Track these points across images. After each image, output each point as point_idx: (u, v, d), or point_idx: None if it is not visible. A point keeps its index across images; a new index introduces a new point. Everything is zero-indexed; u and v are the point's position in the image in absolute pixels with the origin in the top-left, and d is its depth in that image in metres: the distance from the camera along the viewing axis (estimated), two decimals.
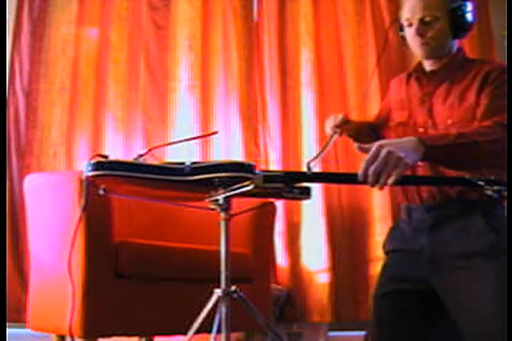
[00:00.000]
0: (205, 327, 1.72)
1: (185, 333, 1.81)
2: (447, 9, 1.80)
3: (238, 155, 3.34)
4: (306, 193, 1.64)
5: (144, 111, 3.39)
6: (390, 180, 1.43)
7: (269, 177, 1.55)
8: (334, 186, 3.31)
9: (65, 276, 2.18)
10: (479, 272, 1.65)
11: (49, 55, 3.40)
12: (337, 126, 1.90)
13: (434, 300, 1.75)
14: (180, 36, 3.49)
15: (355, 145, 1.53)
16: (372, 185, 1.45)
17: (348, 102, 3.42)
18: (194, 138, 3.02)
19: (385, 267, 1.91)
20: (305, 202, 3.28)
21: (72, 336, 2.18)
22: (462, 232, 1.71)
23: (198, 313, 1.75)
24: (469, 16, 1.84)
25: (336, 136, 1.89)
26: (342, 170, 2.91)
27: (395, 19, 1.92)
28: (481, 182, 1.48)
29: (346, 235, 3.34)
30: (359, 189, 3.29)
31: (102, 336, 2.23)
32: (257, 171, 1.56)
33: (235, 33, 3.48)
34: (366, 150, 1.47)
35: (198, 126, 3.39)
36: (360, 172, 1.46)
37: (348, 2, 3.53)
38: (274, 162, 3.40)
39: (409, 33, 1.85)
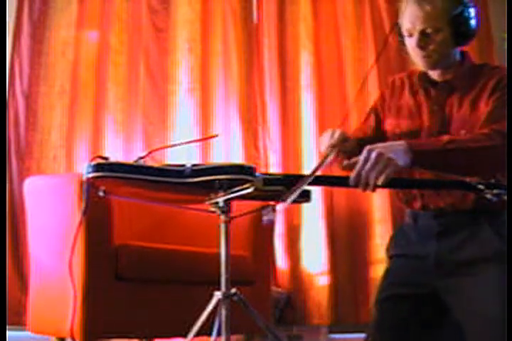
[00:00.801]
0: (205, 330, 1.72)
1: (185, 336, 1.81)
2: (449, 18, 1.72)
3: (238, 158, 3.34)
4: (306, 196, 1.64)
5: (144, 114, 3.39)
6: (380, 181, 1.44)
7: (269, 179, 1.55)
8: (334, 189, 3.32)
9: (65, 279, 2.18)
10: (485, 277, 1.65)
11: (49, 58, 3.40)
12: (334, 146, 1.74)
13: (435, 304, 1.74)
14: (180, 39, 3.49)
15: (343, 164, 1.52)
16: (364, 188, 1.46)
17: (348, 104, 3.42)
18: (194, 141, 3.02)
19: (387, 271, 1.90)
20: (305, 205, 3.28)
21: (72, 338, 2.18)
22: (470, 239, 1.70)
23: (198, 316, 1.75)
24: (472, 22, 1.76)
25: (331, 156, 1.71)
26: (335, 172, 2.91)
27: (396, 23, 1.84)
28: (481, 186, 1.48)
29: (346, 238, 3.34)
30: (359, 191, 3.28)
31: (102, 338, 2.23)
32: (257, 174, 1.56)
33: (234, 36, 3.48)
34: (354, 166, 1.47)
35: (197, 129, 3.39)
36: (352, 176, 1.47)
37: (347, 5, 3.54)
38: (273, 164, 3.40)
39: (410, 44, 1.78)
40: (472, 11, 1.76)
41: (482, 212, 1.71)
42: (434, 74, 1.83)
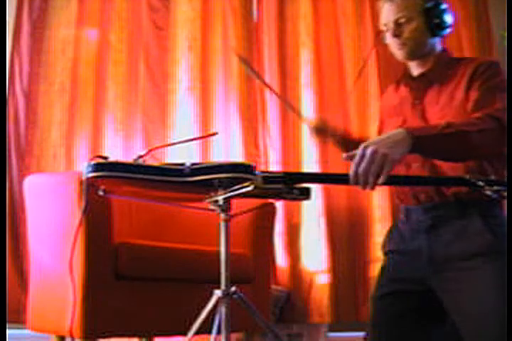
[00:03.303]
0: (205, 328, 1.72)
1: (185, 334, 1.81)
2: (421, 9, 1.81)
3: (238, 156, 3.34)
4: (305, 194, 1.64)
5: (144, 112, 3.39)
6: (380, 180, 1.44)
7: (269, 177, 1.55)
8: (334, 187, 3.32)
9: (64, 277, 2.18)
10: (478, 273, 1.65)
11: (49, 56, 3.40)
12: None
13: (432, 300, 1.75)
14: (180, 37, 3.49)
15: (343, 156, 1.54)
16: (363, 187, 1.47)
17: (348, 102, 3.42)
18: (194, 139, 3.02)
19: (383, 268, 1.91)
20: (305, 203, 3.28)
21: (72, 337, 2.18)
22: (461, 233, 1.71)
23: (198, 314, 1.75)
24: (445, 15, 1.83)
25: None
26: (332, 170, 2.92)
27: (380, 31, 1.92)
28: (481, 183, 1.49)
29: (346, 236, 3.34)
30: (359, 190, 3.28)
31: (102, 337, 2.23)
32: (256, 172, 1.57)
33: (234, 34, 3.48)
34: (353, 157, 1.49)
35: (197, 127, 3.39)
36: (350, 174, 1.48)
37: (347, 3, 3.53)
38: (273, 163, 3.40)
39: (388, 37, 1.87)
40: (445, 6, 1.84)
41: (472, 204, 1.72)
42: (414, 67, 1.89)
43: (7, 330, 2.20)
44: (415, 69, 1.89)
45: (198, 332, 1.77)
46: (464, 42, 3.49)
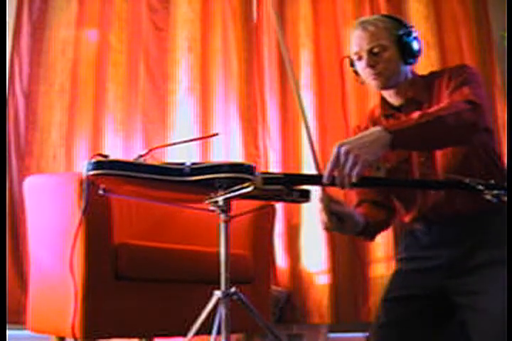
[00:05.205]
0: (205, 329, 1.72)
1: (185, 335, 1.81)
2: (394, 37, 1.80)
3: (238, 157, 3.34)
4: (305, 196, 1.64)
5: (144, 113, 3.39)
6: (353, 179, 1.45)
7: (269, 178, 1.55)
8: (333, 188, 3.30)
9: (64, 278, 2.18)
10: (499, 277, 1.63)
11: (49, 57, 3.40)
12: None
13: (440, 305, 1.75)
14: (179, 38, 3.49)
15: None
16: (341, 187, 1.46)
17: (348, 104, 3.42)
18: (194, 140, 3.02)
19: (395, 273, 1.89)
20: (305, 204, 3.28)
21: (71, 337, 2.17)
22: (484, 242, 1.70)
23: (198, 315, 1.75)
24: (415, 43, 1.83)
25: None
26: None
27: (347, 56, 1.91)
28: (480, 187, 1.48)
29: (346, 237, 3.34)
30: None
31: (102, 337, 2.22)
32: (256, 173, 1.56)
33: (234, 35, 3.48)
34: None
35: (197, 128, 3.39)
36: (324, 174, 1.48)
37: (347, 4, 3.54)
38: (273, 163, 3.40)
39: (361, 66, 1.85)
40: (414, 33, 1.84)
41: (495, 214, 1.71)
42: (392, 98, 1.88)
43: (7, 331, 2.20)
44: (395, 98, 1.87)
45: (197, 333, 1.77)
46: (464, 42, 3.50)
